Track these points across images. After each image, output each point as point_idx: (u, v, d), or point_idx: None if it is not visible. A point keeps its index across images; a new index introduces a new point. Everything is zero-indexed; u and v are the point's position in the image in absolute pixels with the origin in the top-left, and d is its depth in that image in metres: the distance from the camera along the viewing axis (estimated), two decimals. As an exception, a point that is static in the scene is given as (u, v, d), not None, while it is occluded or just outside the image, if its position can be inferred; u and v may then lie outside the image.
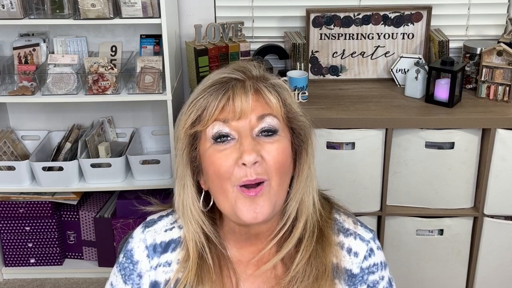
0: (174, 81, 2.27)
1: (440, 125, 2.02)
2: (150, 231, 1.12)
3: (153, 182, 2.34)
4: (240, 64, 1.06)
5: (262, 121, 0.98)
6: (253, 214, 0.97)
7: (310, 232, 1.05)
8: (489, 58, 2.13)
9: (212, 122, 0.98)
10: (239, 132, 0.97)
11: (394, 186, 2.12)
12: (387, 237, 2.18)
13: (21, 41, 2.32)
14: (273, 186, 0.98)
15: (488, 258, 2.18)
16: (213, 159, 0.98)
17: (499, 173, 2.05)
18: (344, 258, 1.08)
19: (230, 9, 2.39)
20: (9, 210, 2.47)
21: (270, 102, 1.00)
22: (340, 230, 1.10)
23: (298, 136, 1.04)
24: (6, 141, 2.42)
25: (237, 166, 0.96)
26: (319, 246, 1.05)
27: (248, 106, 0.97)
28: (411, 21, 2.30)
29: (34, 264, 2.56)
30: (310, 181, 1.05)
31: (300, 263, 1.03)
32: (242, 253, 1.08)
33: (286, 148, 1.00)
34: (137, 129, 2.56)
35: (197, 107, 1.00)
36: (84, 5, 2.06)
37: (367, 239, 1.10)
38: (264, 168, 0.97)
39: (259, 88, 1.00)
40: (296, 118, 1.04)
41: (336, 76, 2.37)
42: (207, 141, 0.99)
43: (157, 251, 1.10)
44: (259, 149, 0.96)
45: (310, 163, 1.05)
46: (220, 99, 0.98)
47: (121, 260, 1.13)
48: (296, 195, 1.03)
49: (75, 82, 2.21)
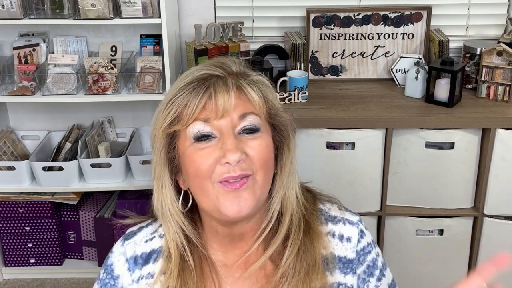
0: (174, 81, 2.27)
1: (440, 125, 2.01)
2: (130, 243, 1.09)
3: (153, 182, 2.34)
4: (219, 59, 1.03)
5: (244, 119, 0.96)
6: (237, 208, 0.94)
7: (297, 226, 1.04)
8: (489, 58, 2.13)
9: (192, 121, 0.95)
10: (220, 131, 0.95)
11: (394, 186, 2.12)
12: (387, 237, 2.18)
13: (21, 41, 2.32)
14: (258, 180, 0.96)
15: (488, 258, 2.18)
16: (193, 157, 0.95)
17: (499, 173, 2.05)
18: (336, 246, 1.07)
19: (230, 9, 2.39)
20: (9, 210, 2.47)
21: (252, 99, 0.98)
22: (328, 219, 1.09)
23: (279, 132, 1.03)
24: (6, 141, 2.42)
25: (219, 164, 0.94)
26: (307, 239, 1.04)
27: (230, 104, 0.95)
28: (411, 21, 2.30)
29: (34, 264, 2.56)
30: (292, 176, 1.04)
31: (289, 258, 1.02)
32: (227, 257, 1.06)
33: (269, 144, 0.99)
34: (137, 129, 2.56)
35: (176, 105, 0.97)
36: (84, 5, 2.06)
37: (355, 221, 1.10)
38: (249, 164, 0.95)
39: (241, 85, 0.98)
40: (277, 115, 1.02)
41: (336, 76, 2.37)
42: (187, 140, 0.96)
43: (138, 263, 1.07)
44: (243, 147, 0.95)
45: (292, 158, 1.04)
46: (201, 98, 0.95)
47: (102, 276, 1.09)
48: (279, 192, 1.02)
49: (75, 82, 2.21)
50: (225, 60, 1.02)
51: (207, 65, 1.01)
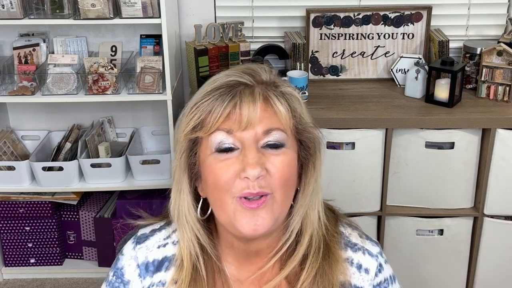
0: (174, 81, 2.27)
1: (440, 125, 2.01)
2: (142, 247, 1.05)
3: (153, 182, 2.34)
4: (249, 66, 0.98)
5: (268, 135, 0.92)
6: (253, 227, 0.91)
7: (316, 248, 1.00)
8: (489, 58, 2.13)
9: (215, 130, 0.91)
10: (243, 143, 0.91)
11: (394, 186, 2.12)
12: (387, 237, 2.18)
13: (21, 41, 2.32)
14: (277, 199, 0.92)
15: (488, 258, 2.18)
16: (213, 168, 0.92)
17: (499, 173, 2.05)
18: (353, 275, 1.02)
19: (230, 9, 2.39)
20: (9, 210, 2.47)
21: (279, 112, 0.93)
22: (347, 245, 1.04)
23: (306, 149, 0.98)
24: (6, 141, 2.42)
25: (239, 178, 0.90)
26: (325, 263, 1.00)
27: (255, 116, 0.90)
28: (411, 21, 2.30)
29: (34, 264, 2.56)
30: (315, 195, 0.99)
31: (306, 281, 0.98)
32: (241, 272, 1.02)
33: (292, 161, 0.94)
34: (137, 129, 2.56)
35: (201, 110, 0.93)
36: (84, 5, 2.06)
37: (375, 253, 1.05)
38: (268, 181, 0.91)
39: (268, 96, 0.93)
40: (306, 130, 0.97)
41: (336, 76, 2.37)
42: (208, 149, 0.93)
43: (150, 270, 1.03)
44: (264, 162, 0.91)
45: (317, 176, 0.99)
46: (226, 106, 0.91)
47: (111, 279, 1.05)
48: (300, 210, 0.98)
49: (75, 82, 2.21)
50: (256, 68, 0.98)
51: (236, 71, 0.96)
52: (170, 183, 2.56)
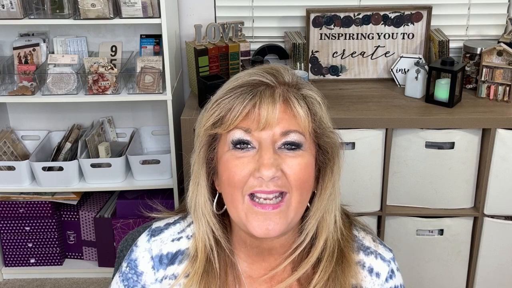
0: (174, 81, 2.27)
1: (440, 125, 2.01)
2: (156, 240, 1.05)
3: (153, 182, 2.34)
4: (273, 66, 0.99)
5: (286, 136, 0.92)
6: (264, 230, 0.91)
7: (330, 252, 0.99)
8: (489, 58, 2.13)
9: (233, 128, 0.92)
10: (260, 143, 0.91)
11: (394, 186, 2.12)
12: (387, 237, 2.18)
13: (21, 41, 2.32)
14: (292, 202, 0.92)
15: (488, 258, 2.18)
16: (228, 165, 0.93)
17: (499, 173, 2.05)
18: (365, 278, 1.02)
19: (230, 9, 2.39)
20: (9, 210, 2.47)
21: (298, 115, 0.93)
22: (360, 248, 1.04)
23: (324, 153, 0.97)
24: (6, 141, 2.42)
25: (253, 177, 0.91)
26: (338, 268, 0.99)
27: (274, 117, 0.91)
28: (411, 21, 2.30)
29: (34, 264, 2.56)
30: (333, 199, 0.99)
31: (318, 284, 0.98)
32: (253, 268, 1.03)
33: (309, 164, 0.94)
34: (137, 129, 2.56)
35: (221, 107, 0.94)
36: (84, 5, 2.06)
37: (387, 259, 1.05)
38: (284, 182, 0.91)
39: (288, 98, 0.93)
40: (325, 134, 0.97)
41: (336, 76, 2.37)
42: (226, 145, 0.94)
43: (163, 262, 1.04)
44: (280, 163, 0.91)
45: (335, 181, 0.99)
46: (246, 105, 0.92)
47: (124, 270, 1.06)
48: (316, 213, 0.98)
49: (75, 82, 2.21)
50: (279, 68, 0.98)
51: (260, 70, 0.97)
52: (170, 183, 2.55)
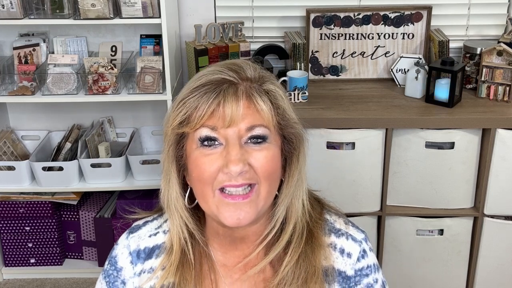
0: (174, 81, 2.27)
1: (440, 125, 2.01)
2: (134, 236, 1.10)
3: (153, 182, 2.34)
4: (235, 62, 1.01)
5: (251, 131, 0.95)
6: (236, 220, 0.95)
7: (299, 234, 1.03)
8: (489, 58, 2.13)
9: (200, 126, 0.95)
10: (226, 139, 0.94)
11: (394, 186, 2.12)
12: (387, 237, 2.18)
13: (21, 41, 2.32)
14: (261, 192, 0.96)
15: (488, 258, 2.18)
16: (198, 162, 0.96)
17: (499, 173, 2.05)
18: (337, 259, 1.05)
19: (230, 9, 2.39)
20: (9, 210, 2.47)
21: (262, 110, 0.95)
22: (331, 231, 1.08)
23: (289, 143, 1.01)
24: (6, 141, 2.42)
25: (222, 172, 0.94)
26: (308, 247, 1.03)
27: (238, 114, 0.93)
28: (411, 21, 2.30)
29: (34, 264, 2.56)
30: (300, 185, 1.03)
31: (289, 265, 1.01)
32: (227, 257, 1.06)
33: (275, 155, 0.97)
34: (137, 129, 2.56)
35: (187, 106, 0.96)
36: (84, 5, 2.06)
37: (359, 239, 1.08)
38: (252, 174, 0.94)
39: (251, 95, 0.96)
40: (289, 125, 1.00)
41: (336, 76, 2.37)
42: (194, 143, 0.97)
43: (141, 257, 1.09)
44: (247, 157, 0.94)
45: (301, 168, 1.02)
46: (210, 104, 0.94)
47: (106, 267, 1.12)
48: (285, 200, 1.01)
49: (75, 82, 2.21)
50: (242, 64, 1.00)
51: (222, 67, 0.99)
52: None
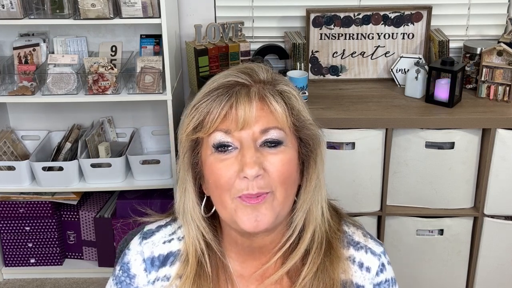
0: (174, 81, 2.27)
1: (440, 125, 2.02)
2: (148, 243, 1.06)
3: (153, 182, 2.34)
4: (248, 66, 0.99)
5: (266, 133, 0.92)
6: (254, 222, 0.92)
7: (318, 244, 1.00)
8: (489, 58, 2.13)
9: (213, 131, 0.93)
10: (241, 142, 0.92)
11: (394, 186, 2.12)
12: (387, 237, 2.18)
13: (21, 41, 2.32)
14: (278, 197, 0.93)
15: (488, 258, 2.18)
16: (213, 169, 0.93)
17: (499, 173, 2.05)
18: (355, 273, 1.03)
19: (230, 9, 2.39)
20: (9, 210, 2.47)
21: (276, 111, 0.93)
22: (350, 243, 1.05)
23: (306, 146, 0.98)
24: (6, 141, 2.42)
25: (238, 178, 0.91)
26: (327, 259, 1.00)
27: (251, 116, 0.91)
28: (411, 21, 2.30)
29: (34, 264, 2.56)
30: (318, 190, 1.00)
31: (307, 276, 0.99)
32: (244, 267, 1.04)
33: (291, 159, 0.95)
34: (137, 129, 2.56)
35: (200, 111, 0.94)
36: (84, 5, 2.06)
37: (378, 253, 1.05)
38: (267, 181, 0.92)
39: (264, 96, 0.93)
40: (304, 127, 0.97)
41: (336, 76, 2.37)
42: (208, 149, 0.94)
43: (155, 264, 1.05)
44: (262, 161, 0.91)
45: (319, 172, 1.00)
46: (223, 107, 0.92)
47: (118, 273, 1.08)
48: (303, 206, 0.98)
49: (75, 82, 2.21)
50: (254, 67, 0.99)
51: (234, 71, 0.97)
52: (170, 183, 2.56)
